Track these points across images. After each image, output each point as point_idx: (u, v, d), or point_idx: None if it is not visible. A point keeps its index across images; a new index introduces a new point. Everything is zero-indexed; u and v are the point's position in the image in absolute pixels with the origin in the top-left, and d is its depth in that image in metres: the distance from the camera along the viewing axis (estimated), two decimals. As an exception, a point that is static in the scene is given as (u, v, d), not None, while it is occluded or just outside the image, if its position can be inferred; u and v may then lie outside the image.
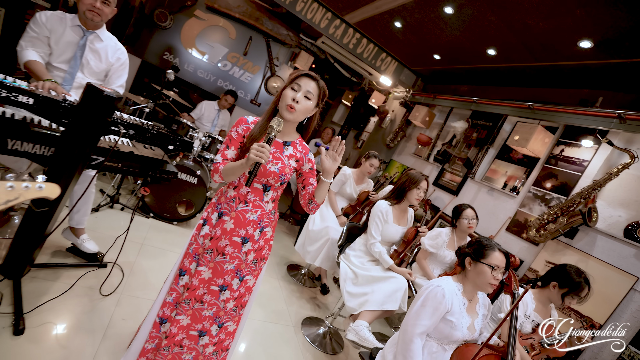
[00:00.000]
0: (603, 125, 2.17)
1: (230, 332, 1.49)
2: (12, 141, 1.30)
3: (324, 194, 1.37)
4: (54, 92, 1.47)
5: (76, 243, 2.04)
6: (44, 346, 1.45)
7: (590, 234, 2.22)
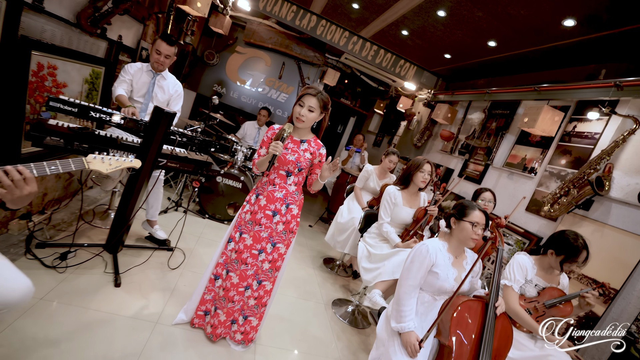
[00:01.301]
0: (603, 95, 2.22)
1: (267, 290, 1.92)
2: (112, 150, 1.93)
3: (316, 187, 1.86)
4: (134, 115, 2.10)
5: (151, 232, 2.67)
6: (132, 295, 2.01)
7: (605, 203, 2.23)
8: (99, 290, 1.95)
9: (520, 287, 1.93)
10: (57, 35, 2.06)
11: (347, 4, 3.34)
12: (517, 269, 1.95)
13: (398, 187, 2.60)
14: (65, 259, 2.03)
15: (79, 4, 2.15)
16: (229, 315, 1.89)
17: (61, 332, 1.58)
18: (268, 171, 1.79)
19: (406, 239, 2.48)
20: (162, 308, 2.01)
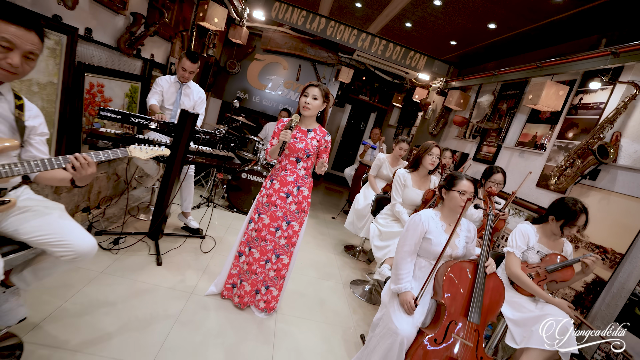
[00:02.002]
0: (601, 64, 2.23)
1: (285, 264, 2.19)
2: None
3: (320, 169, 2.04)
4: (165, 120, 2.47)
5: (186, 222, 3.05)
6: (171, 272, 2.37)
7: (612, 171, 2.24)
8: (144, 268, 2.32)
9: (522, 254, 2.03)
10: (102, 59, 2.49)
11: (350, 3, 3.55)
12: (518, 237, 2.05)
13: (408, 170, 2.76)
14: (117, 243, 2.44)
15: (118, 31, 2.58)
16: (253, 285, 2.18)
17: (117, 296, 1.95)
18: (279, 157, 2.06)
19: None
20: (196, 283, 2.34)
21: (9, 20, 1.05)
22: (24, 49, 1.09)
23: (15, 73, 1.10)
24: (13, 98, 1.20)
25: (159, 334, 1.77)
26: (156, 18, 2.94)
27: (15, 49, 1.07)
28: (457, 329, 1.63)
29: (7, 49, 1.06)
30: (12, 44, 1.06)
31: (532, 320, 1.81)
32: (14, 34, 1.06)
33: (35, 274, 1.27)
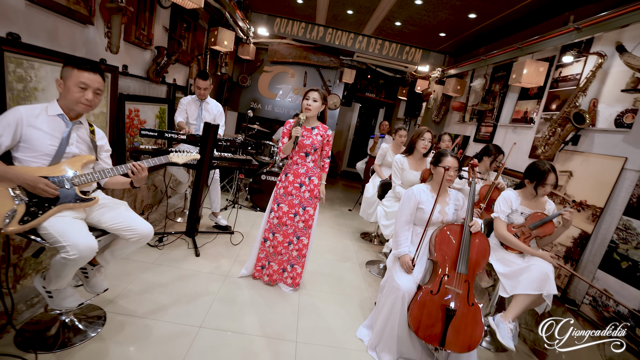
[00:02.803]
0: (567, 39, 2.44)
1: (305, 244, 2.55)
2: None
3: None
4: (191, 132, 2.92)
5: (216, 221, 3.48)
6: (208, 261, 2.79)
7: (590, 135, 2.44)
8: (185, 258, 2.76)
9: (507, 217, 2.28)
10: (136, 88, 2.97)
11: (343, 11, 3.90)
12: (502, 202, 2.30)
13: (404, 155, 3.06)
14: (161, 241, 2.89)
15: (147, 63, 3.06)
16: (279, 264, 2.56)
17: (167, 280, 2.38)
18: (293, 152, 2.43)
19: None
20: (230, 268, 2.75)
21: (83, 69, 1.49)
22: (94, 87, 1.52)
23: (90, 106, 1.53)
24: (87, 126, 1.64)
25: (203, 306, 2.18)
26: (175, 48, 3.42)
27: (89, 88, 1.51)
28: (449, 281, 1.92)
29: (83, 89, 1.49)
30: (86, 85, 1.50)
31: (520, 272, 2.06)
32: (87, 78, 1.49)
33: (112, 254, 1.70)
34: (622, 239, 1.98)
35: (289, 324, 2.18)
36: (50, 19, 1.90)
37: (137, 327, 1.86)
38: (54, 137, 1.47)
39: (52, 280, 1.48)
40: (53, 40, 1.94)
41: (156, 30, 3.09)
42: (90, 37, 2.24)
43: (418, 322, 1.88)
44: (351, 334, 2.21)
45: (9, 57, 1.63)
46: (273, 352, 1.91)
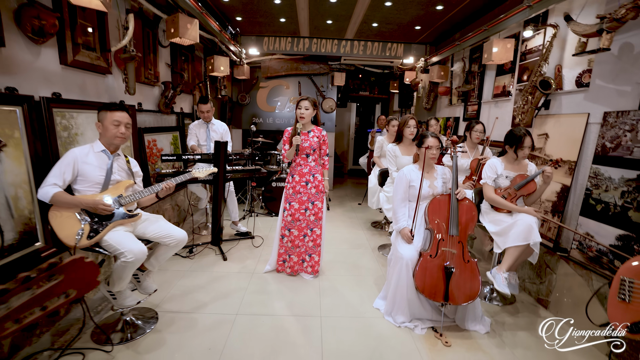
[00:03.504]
0: (524, 16, 2.70)
1: (318, 234, 2.86)
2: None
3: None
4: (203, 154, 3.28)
5: (237, 229, 3.83)
6: (235, 263, 3.13)
7: (558, 98, 2.68)
8: (215, 263, 3.10)
9: (494, 182, 2.54)
10: (151, 121, 3.37)
11: (323, 22, 4.24)
12: (487, 169, 2.56)
13: (395, 144, 3.35)
14: (192, 252, 3.25)
15: (156, 98, 3.46)
16: (299, 256, 2.87)
17: (203, 282, 2.73)
18: (295, 157, 2.76)
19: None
20: (255, 266, 3.08)
21: (114, 110, 1.86)
22: (125, 122, 1.89)
23: (125, 138, 1.90)
24: (123, 157, 2.01)
25: (237, 298, 2.51)
26: (178, 80, 3.82)
27: (121, 124, 1.87)
28: (444, 244, 2.19)
29: (117, 125, 1.86)
30: (119, 122, 1.86)
31: (508, 228, 2.32)
32: (119, 116, 1.86)
33: (157, 259, 2.05)
34: (595, 185, 2.22)
35: (312, 304, 2.48)
36: (79, 75, 2.29)
37: (184, 321, 2.20)
38: (102, 168, 1.84)
39: (115, 283, 1.83)
40: (83, 92, 2.34)
41: (160, 67, 3.50)
42: (109, 84, 2.64)
43: (423, 284, 2.15)
44: (368, 305, 2.49)
45: (56, 112, 2.02)
46: (301, 326, 2.21)
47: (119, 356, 1.85)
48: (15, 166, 1.76)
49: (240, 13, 4.10)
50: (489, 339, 2.16)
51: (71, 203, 1.72)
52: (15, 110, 1.76)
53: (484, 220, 2.56)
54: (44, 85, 2.00)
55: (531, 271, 2.76)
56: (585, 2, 2.37)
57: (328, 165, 2.91)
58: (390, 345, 2.05)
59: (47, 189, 1.69)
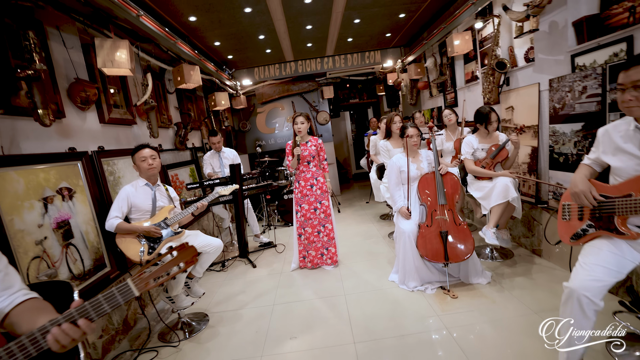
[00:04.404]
0: (472, 11, 3.15)
1: (330, 229, 3.27)
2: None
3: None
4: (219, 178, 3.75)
5: (259, 241, 4.25)
6: (264, 268, 3.54)
7: (515, 74, 3.08)
8: (247, 271, 3.51)
9: (472, 155, 2.92)
10: (170, 158, 3.87)
11: (304, 46, 4.77)
12: (465, 146, 2.95)
13: (386, 139, 3.77)
14: (224, 266, 3.67)
15: (172, 138, 3.98)
16: (317, 251, 3.27)
17: (240, 287, 3.13)
18: (298, 166, 3.20)
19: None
20: (282, 268, 3.48)
21: (138, 150, 2.32)
22: (149, 155, 2.33)
23: (154, 168, 2.34)
24: (162, 186, 2.47)
25: (271, 294, 2.90)
26: (188, 119, 4.35)
27: (147, 157, 2.33)
28: (437, 213, 2.57)
29: (144, 160, 2.32)
30: (145, 157, 2.32)
31: (490, 191, 2.69)
32: (143, 152, 2.31)
33: (201, 265, 2.47)
34: (555, 141, 2.59)
35: (336, 287, 2.86)
36: (114, 129, 2.80)
37: (231, 317, 2.60)
38: (148, 198, 2.30)
39: (172, 288, 2.26)
40: (118, 142, 2.84)
41: (171, 111, 4.03)
42: (136, 133, 3.15)
43: (425, 250, 2.52)
44: (384, 280, 2.86)
45: (103, 161, 2.51)
46: (329, 305, 2.59)
47: (185, 348, 2.25)
48: (83, 208, 2.24)
49: (231, 52, 4.65)
50: (490, 287, 2.50)
51: (130, 230, 2.17)
52: (77, 164, 2.25)
53: (471, 189, 2.94)
54: (91, 142, 2.50)
55: (523, 228, 3.10)
56: (515, -7, 2.81)
57: (328, 168, 3.32)
58: (407, 306, 2.41)
59: (112, 221, 2.14)
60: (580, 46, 2.30)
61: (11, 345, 0.80)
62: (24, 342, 0.80)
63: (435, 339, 2.01)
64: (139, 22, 2.33)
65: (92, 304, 0.87)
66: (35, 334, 0.81)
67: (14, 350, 0.79)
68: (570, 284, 1.43)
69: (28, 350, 0.80)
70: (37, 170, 1.91)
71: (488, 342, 1.93)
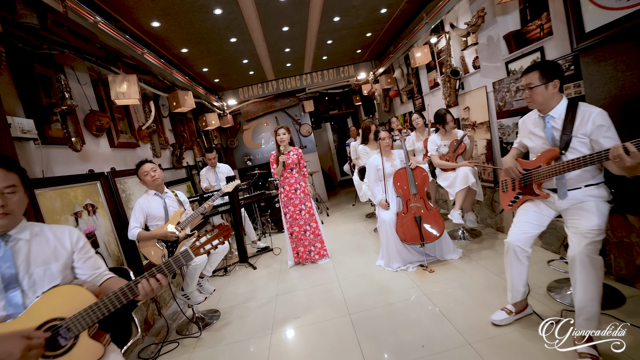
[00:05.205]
0: (427, 29, 3.70)
1: (315, 227, 3.65)
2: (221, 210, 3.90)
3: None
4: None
5: (256, 247, 4.58)
6: (264, 269, 3.87)
7: (467, 79, 3.60)
8: (248, 274, 3.83)
9: (437, 151, 3.40)
10: (169, 176, 4.20)
11: (283, 66, 5.25)
12: (430, 144, 3.43)
13: (364, 144, 4.23)
14: (226, 271, 3.98)
15: (169, 158, 4.31)
16: (305, 247, 3.64)
17: (244, 286, 3.45)
18: (283, 171, 3.59)
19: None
20: (280, 267, 3.82)
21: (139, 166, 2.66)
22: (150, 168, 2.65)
23: (157, 178, 2.65)
24: (171, 192, 2.81)
25: (273, 288, 3.24)
26: (181, 140, 4.69)
27: (148, 171, 2.66)
28: (410, 202, 3.01)
29: (146, 175, 2.66)
30: (146, 171, 2.64)
31: (454, 179, 3.16)
32: (144, 168, 2.64)
33: (210, 265, 2.80)
34: (502, 133, 3.10)
35: (330, 275, 3.23)
36: (122, 152, 3.14)
37: (240, 309, 2.92)
38: (159, 206, 2.64)
39: (188, 284, 2.58)
40: (126, 164, 3.18)
41: (167, 133, 4.38)
42: (139, 154, 3.49)
43: (404, 234, 2.94)
44: (372, 266, 3.25)
45: (117, 180, 2.84)
46: (325, 290, 2.95)
47: (203, 336, 2.56)
48: (104, 221, 2.56)
49: (217, 76, 5.07)
50: (460, 261, 2.94)
51: (150, 237, 2.50)
52: (96, 183, 2.58)
53: (439, 180, 3.41)
54: (105, 164, 2.83)
55: (488, 210, 3.58)
56: (457, 14, 3.37)
57: (307, 173, 3.74)
58: (392, 283, 2.81)
59: (133, 231, 2.47)
60: (510, 55, 2.83)
61: (116, 291, 1.16)
62: (124, 289, 1.17)
63: (416, 303, 2.41)
64: (143, 59, 2.72)
65: (165, 265, 1.24)
66: (131, 283, 1.17)
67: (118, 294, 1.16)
68: (507, 239, 1.88)
69: (127, 295, 1.18)
70: (68, 190, 2.24)
71: (458, 299, 2.34)
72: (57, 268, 1.23)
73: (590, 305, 1.54)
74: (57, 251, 1.26)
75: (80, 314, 1.13)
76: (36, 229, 1.26)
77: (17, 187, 1.16)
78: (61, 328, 1.12)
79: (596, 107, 1.64)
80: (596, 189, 1.69)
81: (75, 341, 1.14)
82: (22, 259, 1.18)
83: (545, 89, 1.71)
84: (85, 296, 1.16)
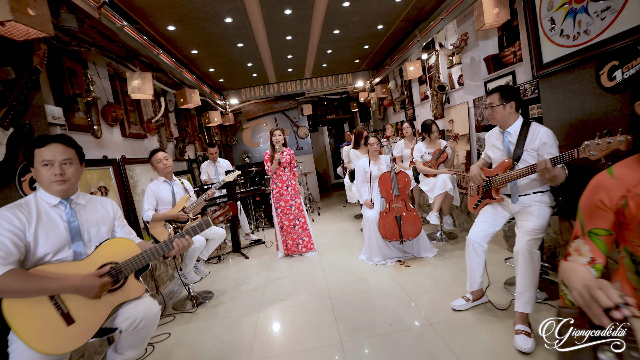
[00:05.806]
0: (419, 46, 4.03)
1: (303, 222, 3.94)
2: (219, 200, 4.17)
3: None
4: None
5: (250, 239, 4.85)
6: (256, 259, 4.15)
7: (453, 94, 3.94)
8: (240, 262, 4.10)
9: (422, 158, 3.71)
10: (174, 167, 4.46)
11: (285, 71, 5.55)
12: (415, 152, 3.75)
13: (355, 149, 4.54)
14: (220, 259, 4.25)
15: (173, 150, 4.58)
16: (294, 240, 3.93)
17: (236, 273, 3.72)
18: (277, 170, 3.88)
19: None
20: (270, 257, 4.09)
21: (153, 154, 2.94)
22: (163, 157, 2.95)
23: (169, 166, 2.95)
24: (178, 180, 3.09)
25: (263, 275, 3.52)
26: (185, 134, 4.97)
27: (162, 158, 2.94)
28: (392, 202, 3.31)
29: (159, 162, 2.94)
30: (159, 159, 2.93)
31: (434, 185, 3.47)
32: (158, 155, 2.93)
33: (207, 249, 3.07)
34: (480, 145, 3.42)
35: (315, 267, 3.52)
36: (131, 142, 3.41)
37: (232, 291, 3.19)
38: (168, 192, 2.91)
39: (187, 265, 2.85)
40: (134, 152, 3.44)
41: (172, 127, 4.65)
42: (146, 145, 3.76)
43: (385, 231, 3.24)
44: (355, 260, 3.54)
45: (126, 167, 3.11)
46: (310, 278, 3.23)
47: (198, 312, 2.83)
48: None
49: (222, 77, 5.36)
50: (435, 259, 3.24)
51: (162, 218, 2.76)
52: (109, 168, 2.84)
53: (422, 185, 3.72)
54: (117, 152, 3.10)
55: (466, 216, 3.90)
56: (446, 35, 3.70)
57: (297, 173, 4.03)
58: (371, 274, 3.10)
59: (148, 213, 2.74)
60: (489, 75, 3.16)
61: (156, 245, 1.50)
62: (161, 244, 1.50)
63: (390, 291, 2.71)
64: (158, 58, 3.01)
65: (192, 228, 1.56)
66: (167, 241, 1.52)
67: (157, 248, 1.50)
68: (468, 236, 2.18)
69: (164, 249, 1.53)
70: (86, 172, 2.51)
71: (427, 289, 2.64)
72: (105, 229, 1.57)
73: (527, 291, 1.84)
74: (104, 216, 1.60)
75: (130, 260, 1.46)
76: (87, 197, 1.59)
77: (73, 160, 1.45)
78: (117, 270, 1.46)
79: (544, 127, 1.96)
80: (541, 196, 2.00)
81: (125, 280, 1.48)
82: (82, 219, 1.51)
83: (503, 109, 2.03)
84: (133, 247, 1.51)
